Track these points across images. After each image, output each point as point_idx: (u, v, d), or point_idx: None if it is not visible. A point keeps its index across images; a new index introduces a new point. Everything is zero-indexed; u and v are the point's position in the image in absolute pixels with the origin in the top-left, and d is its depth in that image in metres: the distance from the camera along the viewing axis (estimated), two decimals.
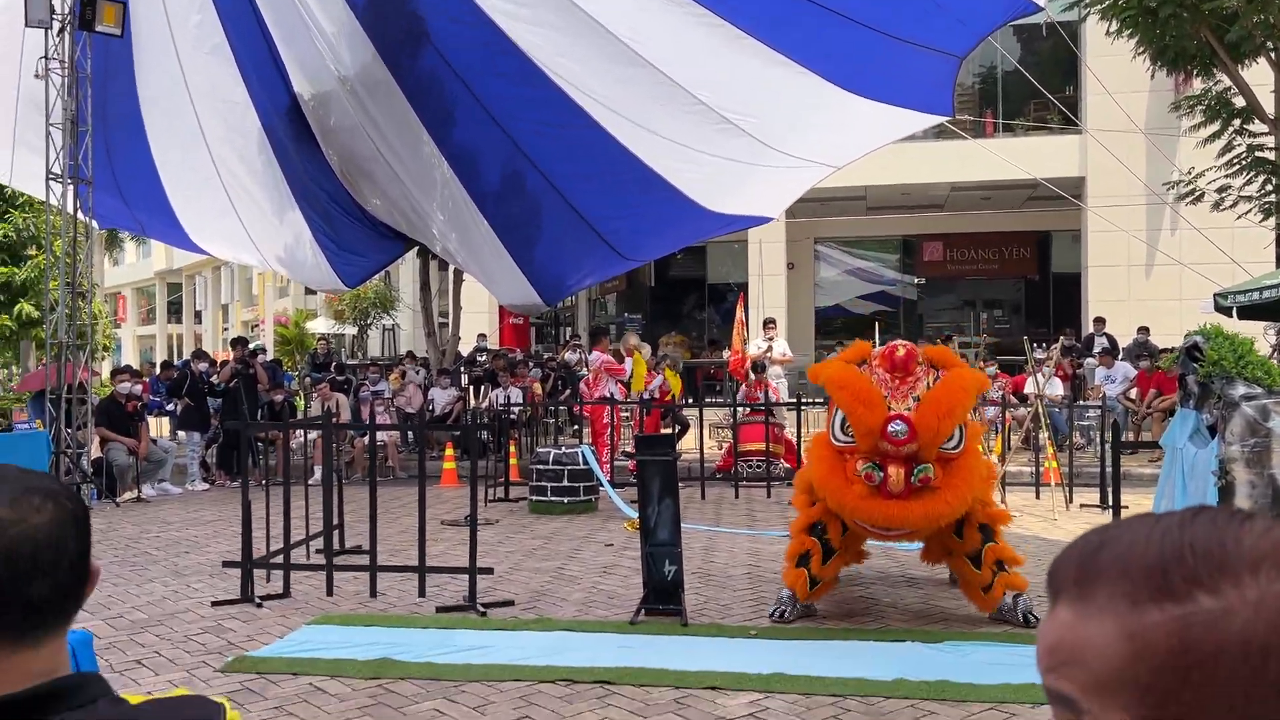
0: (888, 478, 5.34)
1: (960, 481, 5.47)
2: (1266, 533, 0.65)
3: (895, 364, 5.57)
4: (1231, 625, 0.61)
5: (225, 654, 5.56)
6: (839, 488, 5.55)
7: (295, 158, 12.49)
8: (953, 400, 5.40)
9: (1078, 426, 13.92)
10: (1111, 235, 17.33)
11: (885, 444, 5.35)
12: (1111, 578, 0.65)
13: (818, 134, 10.50)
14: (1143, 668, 0.63)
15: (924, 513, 5.41)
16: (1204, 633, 0.61)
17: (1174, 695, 0.62)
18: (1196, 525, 0.66)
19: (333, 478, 7.66)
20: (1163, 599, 0.63)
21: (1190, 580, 0.63)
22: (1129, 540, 0.66)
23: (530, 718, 4.52)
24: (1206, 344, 4.73)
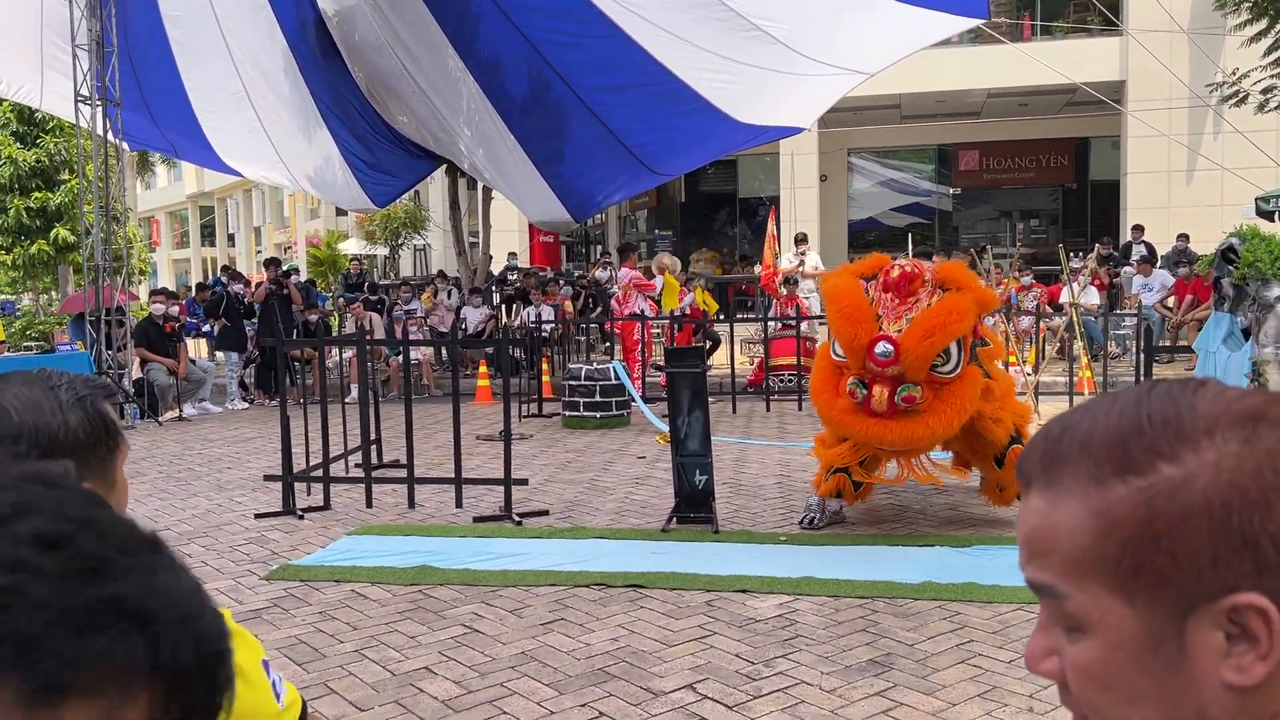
0: (870, 396, 5.34)
1: (948, 407, 5.40)
2: (1219, 396, 0.66)
3: (889, 284, 5.49)
4: (1194, 488, 0.63)
5: (269, 563, 5.74)
6: (828, 400, 5.61)
7: (322, 75, 12.42)
8: (941, 323, 5.29)
9: (1113, 335, 13.80)
10: (1152, 140, 16.93)
11: (870, 363, 5.34)
12: (1075, 459, 0.67)
13: (850, 40, 10.28)
14: (1113, 542, 0.64)
15: (903, 434, 5.40)
16: (1168, 500, 0.63)
17: (1147, 564, 0.64)
18: (1152, 398, 0.67)
19: (369, 393, 7.78)
20: (1126, 473, 0.65)
21: (1150, 451, 0.64)
22: (1090, 421, 0.68)
23: (565, 619, 4.64)
24: (1242, 246, 4.66)
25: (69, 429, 1.20)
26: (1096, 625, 0.66)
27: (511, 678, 4.00)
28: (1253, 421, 0.65)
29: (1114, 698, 0.67)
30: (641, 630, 4.48)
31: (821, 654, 4.16)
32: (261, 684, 1.25)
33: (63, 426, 1.19)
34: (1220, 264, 4.82)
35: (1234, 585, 0.62)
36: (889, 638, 4.32)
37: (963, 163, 24.45)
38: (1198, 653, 0.64)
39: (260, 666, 1.26)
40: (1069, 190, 24.38)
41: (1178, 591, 0.63)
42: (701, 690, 3.83)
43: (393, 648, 4.36)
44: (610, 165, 12.33)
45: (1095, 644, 0.66)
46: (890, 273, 5.52)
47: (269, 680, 1.27)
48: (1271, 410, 0.66)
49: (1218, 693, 0.64)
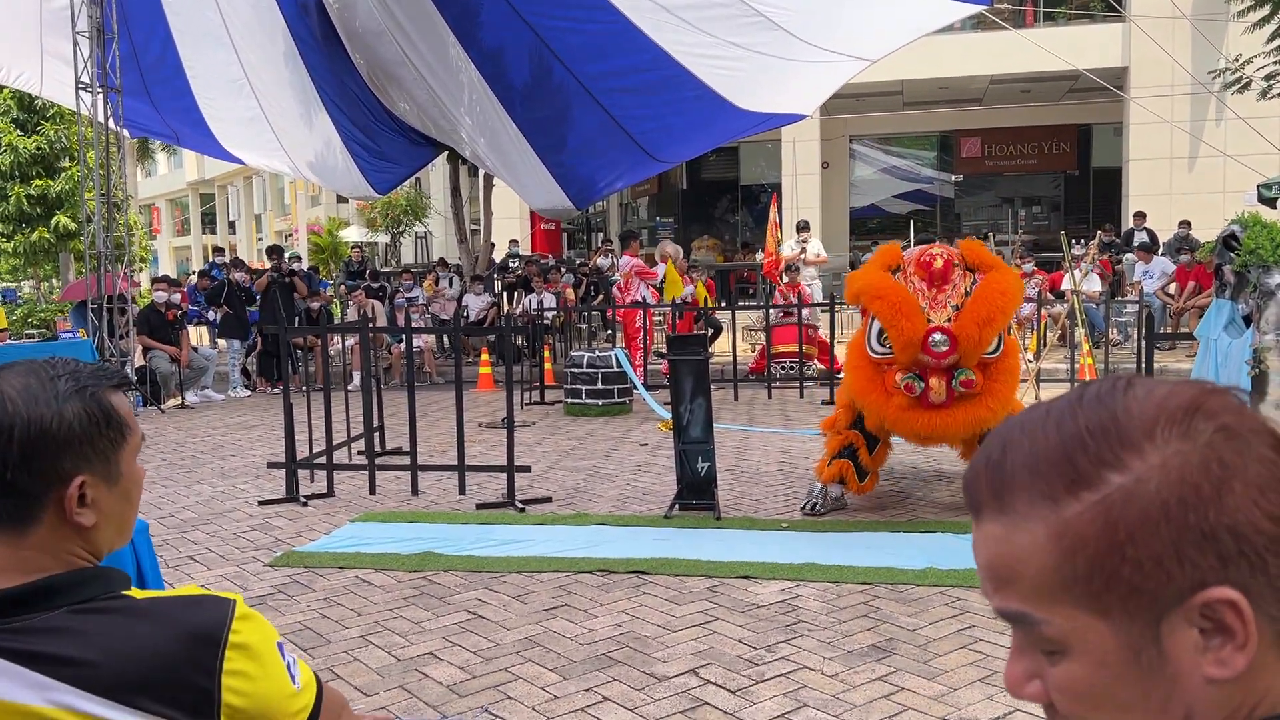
0: (929, 389, 5.29)
1: (1001, 385, 5.42)
2: (1149, 395, 0.67)
3: (933, 275, 5.42)
4: (1146, 492, 0.63)
5: (273, 549, 5.76)
6: (878, 401, 5.49)
7: (323, 62, 12.39)
8: (992, 307, 5.27)
9: (1114, 322, 13.81)
10: (1154, 127, 16.90)
11: (926, 356, 5.28)
12: (1024, 481, 0.66)
13: (852, 26, 10.24)
14: (1079, 561, 0.65)
15: (966, 419, 5.35)
16: (1124, 508, 0.64)
17: (1115, 576, 0.64)
18: (1085, 407, 0.67)
19: (371, 380, 7.79)
20: (1077, 488, 0.65)
21: (1096, 462, 0.65)
22: (1029, 440, 0.67)
23: (569, 605, 4.67)
24: (1243, 233, 4.66)
25: (63, 420, 1.19)
26: (1076, 645, 0.66)
27: (516, 663, 4.03)
28: (1189, 416, 0.65)
29: (1105, 713, 0.67)
30: (644, 616, 4.50)
31: (823, 639, 4.18)
32: (276, 665, 1.26)
33: (56, 417, 1.19)
34: (1222, 251, 4.83)
35: (1201, 581, 0.63)
36: (890, 623, 4.35)
37: (965, 149, 24.41)
38: (1177, 654, 0.64)
39: (275, 648, 1.26)
40: (1071, 177, 24.34)
41: (1149, 598, 0.64)
42: (704, 675, 3.86)
43: (397, 633, 4.39)
44: (612, 152, 12.30)
45: (1078, 664, 0.66)
46: (934, 264, 5.43)
47: (284, 661, 1.27)
48: (1206, 401, 0.66)
49: (1203, 689, 0.64)
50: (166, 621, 1.19)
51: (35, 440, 1.18)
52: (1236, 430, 0.65)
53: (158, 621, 1.19)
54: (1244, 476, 0.63)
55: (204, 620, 1.20)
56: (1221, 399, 0.67)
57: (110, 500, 1.25)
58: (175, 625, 1.19)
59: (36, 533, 1.20)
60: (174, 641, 1.18)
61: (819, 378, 12.30)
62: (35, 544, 1.20)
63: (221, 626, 1.20)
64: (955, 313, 5.34)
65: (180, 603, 1.23)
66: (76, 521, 1.21)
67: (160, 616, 1.20)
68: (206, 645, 1.19)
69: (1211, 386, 0.68)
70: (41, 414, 1.18)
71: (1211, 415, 0.65)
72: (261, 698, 1.23)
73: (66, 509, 1.21)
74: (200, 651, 1.18)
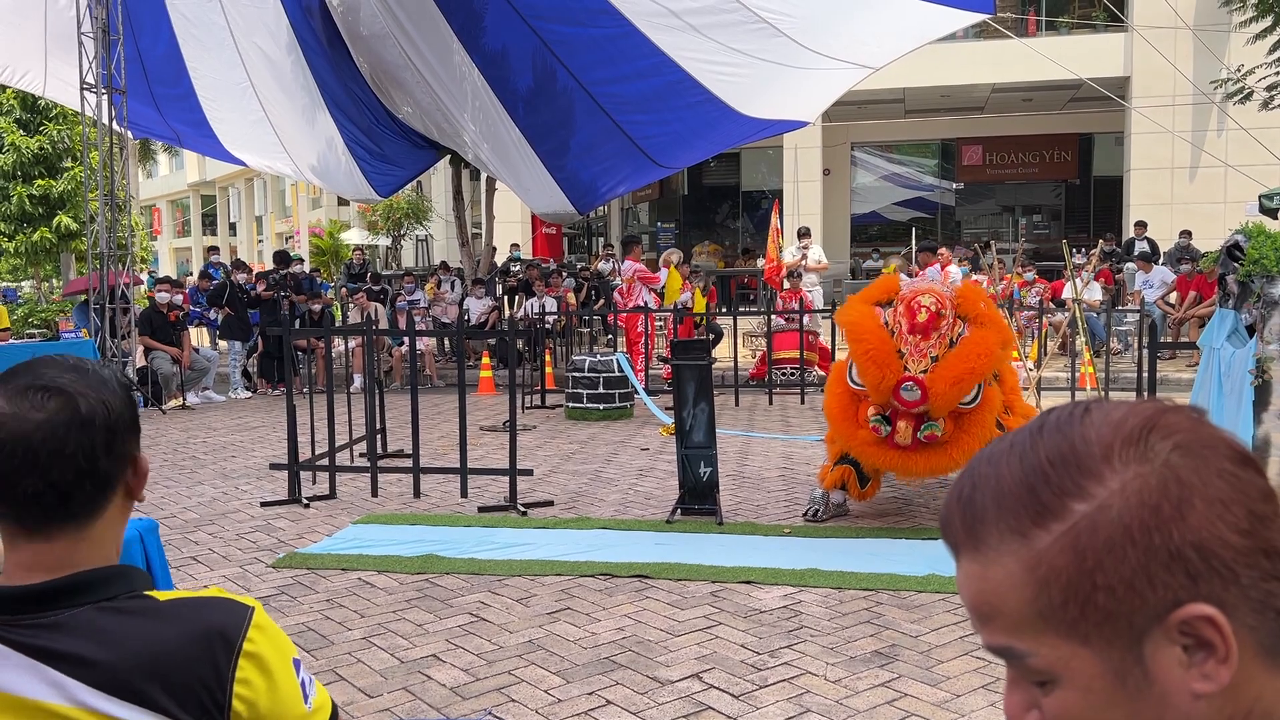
0: (895, 431, 5.34)
1: (970, 437, 5.40)
2: (1105, 420, 0.67)
3: (915, 327, 5.40)
4: (1109, 518, 0.64)
5: (276, 551, 5.77)
6: (849, 429, 5.61)
7: (326, 65, 12.41)
8: (966, 368, 5.28)
9: (1115, 332, 13.83)
10: (1155, 137, 16.94)
11: (895, 402, 5.33)
12: (992, 517, 0.68)
13: (855, 34, 10.27)
14: (1053, 592, 0.65)
15: (928, 465, 5.44)
16: (1090, 536, 0.64)
17: (1089, 602, 0.65)
18: (1044, 437, 0.68)
19: (375, 383, 7.80)
20: (1045, 520, 0.66)
21: (1058, 493, 0.66)
22: (995, 474, 0.68)
23: (571, 609, 4.68)
24: (1247, 242, 4.68)
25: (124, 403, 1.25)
26: (1063, 674, 0.67)
27: (519, 666, 4.04)
28: (1144, 436, 0.66)
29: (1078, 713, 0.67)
30: (647, 620, 4.51)
31: (826, 645, 4.19)
32: (289, 683, 1.24)
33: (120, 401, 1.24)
34: (1225, 260, 4.84)
35: (1175, 600, 0.63)
36: (893, 629, 4.36)
37: (966, 157, 24.46)
38: (1162, 673, 0.65)
39: (289, 664, 1.26)
40: (1072, 186, 24.39)
41: (1125, 621, 0.64)
42: (708, 680, 3.87)
43: (400, 635, 4.39)
44: (614, 157, 12.31)
45: (1067, 693, 0.67)
46: (917, 315, 5.41)
47: (298, 679, 1.26)
48: (1160, 419, 0.67)
49: (1193, 704, 0.65)
50: (185, 623, 1.20)
51: (114, 425, 1.21)
52: (1193, 446, 0.65)
53: (177, 622, 1.20)
54: (1204, 493, 0.64)
55: (220, 623, 1.21)
56: (1176, 416, 0.67)
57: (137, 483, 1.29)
58: (193, 626, 1.20)
59: (100, 522, 1.22)
60: (191, 643, 1.18)
61: (820, 384, 12.30)
62: (95, 535, 1.22)
63: (237, 633, 1.21)
64: (933, 364, 5.33)
65: (199, 604, 1.23)
66: (140, 496, 1.28)
67: (179, 618, 1.20)
68: (221, 649, 1.19)
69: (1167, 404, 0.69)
70: (108, 400, 1.22)
71: (1167, 433, 0.66)
72: (269, 712, 1.22)
73: (134, 488, 1.26)
74: (215, 654, 1.19)
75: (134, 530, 1.19)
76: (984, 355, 5.36)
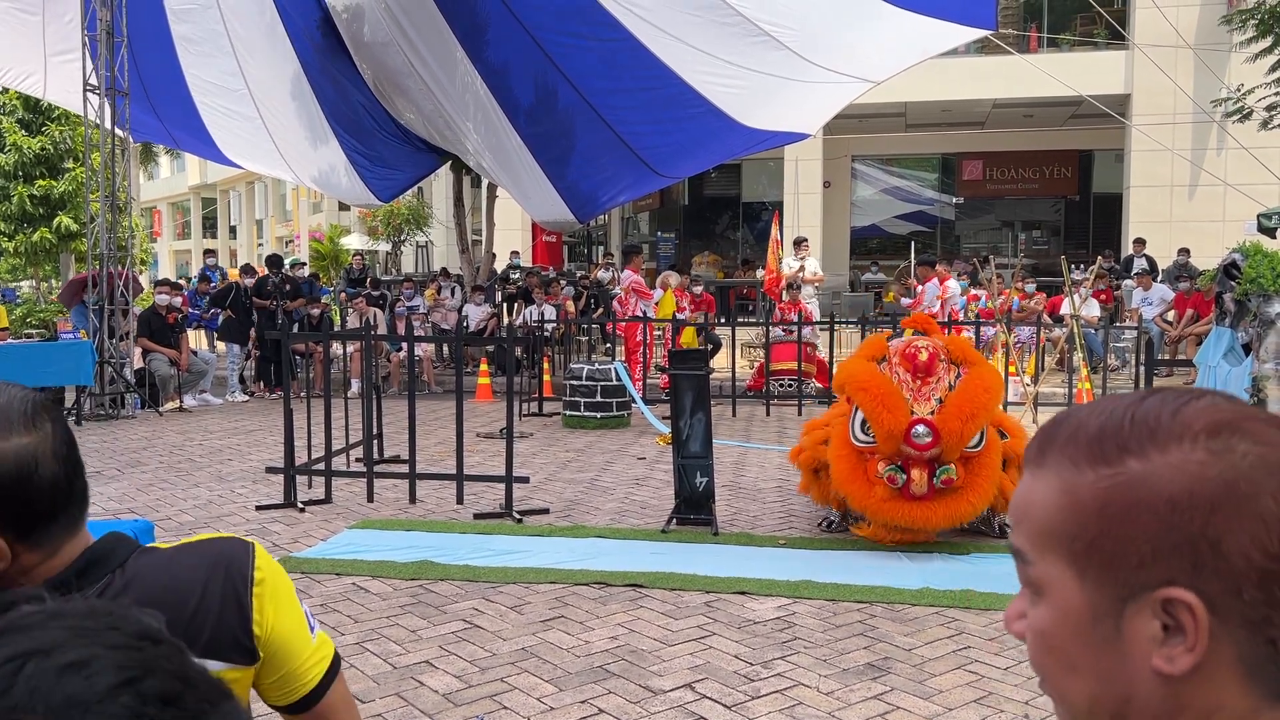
0: (910, 480, 5.30)
1: (983, 480, 5.42)
2: (1204, 410, 0.70)
3: (918, 368, 5.46)
4: (1150, 485, 0.68)
5: (271, 554, 5.75)
6: (861, 490, 5.50)
7: (327, 70, 12.44)
8: (976, 403, 5.31)
9: (1113, 348, 13.85)
10: (1155, 155, 16.99)
11: (908, 448, 5.30)
12: (1061, 446, 0.73)
13: (857, 48, 10.31)
14: (1071, 519, 0.71)
15: (947, 514, 5.39)
16: (1125, 491, 0.68)
17: (1096, 545, 0.69)
18: (1147, 401, 0.72)
19: (372, 388, 7.80)
20: (1097, 463, 0.70)
21: (1121, 447, 0.70)
22: (1086, 414, 0.74)
23: (565, 617, 4.68)
24: (1245, 262, 4.70)
25: None
26: (1050, 592, 0.72)
27: (512, 673, 4.04)
28: (1227, 432, 0.68)
29: (1055, 662, 0.73)
30: (641, 629, 4.51)
31: (819, 657, 4.19)
32: (295, 611, 1.33)
33: None
34: (1223, 279, 4.86)
35: (1170, 579, 0.67)
36: (886, 642, 4.36)
37: (966, 172, 24.51)
38: (1133, 637, 0.68)
39: (294, 595, 1.35)
40: (1071, 202, 24.44)
41: (1121, 576, 0.68)
42: (700, 690, 3.87)
43: (394, 641, 4.39)
44: (615, 167, 12.34)
45: (1047, 609, 0.73)
46: (919, 356, 5.47)
47: (303, 610, 1.35)
48: (1251, 426, 0.69)
49: (1147, 678, 0.68)
50: (196, 555, 1.28)
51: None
52: (1267, 461, 0.67)
53: (190, 557, 1.28)
54: (1250, 506, 0.66)
55: (230, 552, 1.29)
56: (1271, 430, 0.69)
57: None
58: (205, 556, 1.28)
59: None
60: (208, 569, 1.26)
61: (817, 396, 12.32)
62: None
63: (247, 565, 1.29)
64: (939, 405, 5.36)
65: (204, 544, 1.31)
66: None
67: (190, 553, 1.29)
68: (238, 579, 1.27)
69: (1273, 416, 0.72)
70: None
71: (1252, 441, 0.68)
72: (283, 636, 1.30)
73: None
74: (235, 585, 1.27)
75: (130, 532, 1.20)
76: (988, 389, 5.43)
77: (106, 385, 11.69)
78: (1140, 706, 0.69)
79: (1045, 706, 3.69)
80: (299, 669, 1.33)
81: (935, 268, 13.26)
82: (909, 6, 9.67)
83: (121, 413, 11.66)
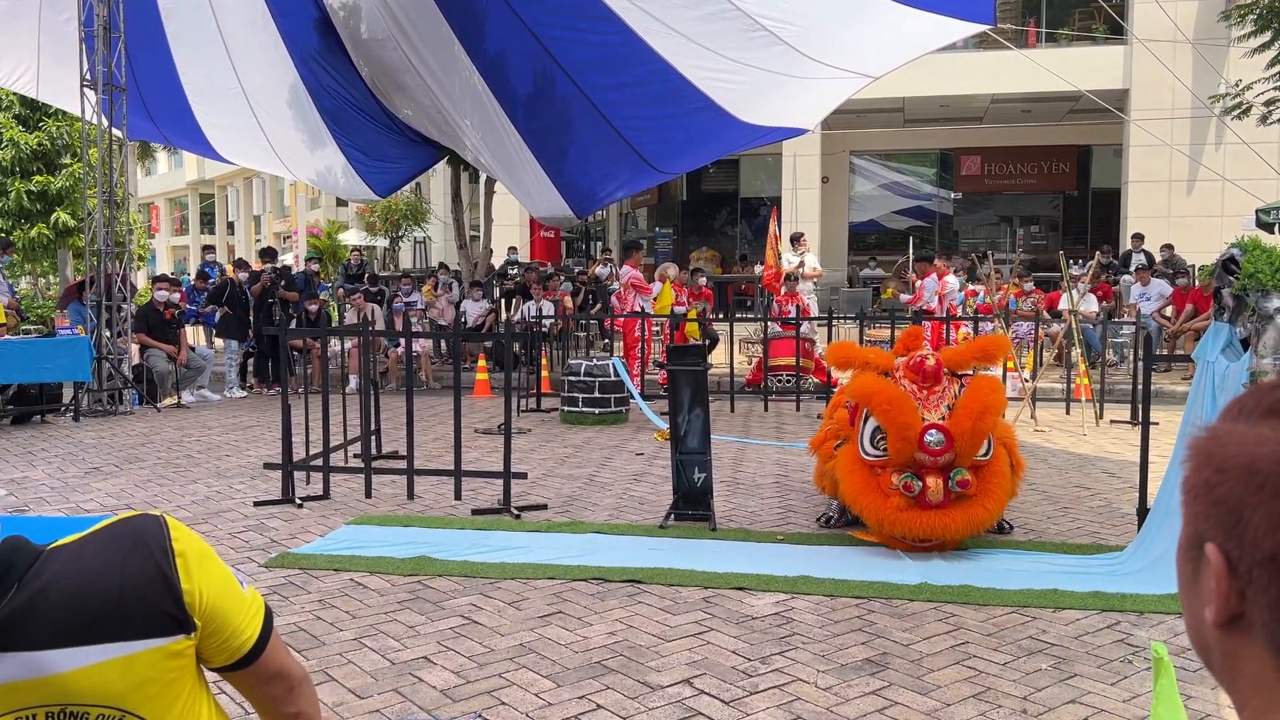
0: (926, 488, 5.28)
1: (995, 487, 5.41)
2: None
3: (926, 374, 5.48)
4: (1221, 442, 0.72)
5: (268, 551, 5.76)
6: (876, 502, 5.43)
7: (322, 66, 12.42)
8: (984, 402, 5.32)
9: (1111, 344, 13.85)
10: (1154, 150, 16.99)
11: (922, 455, 5.28)
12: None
13: (855, 43, 10.29)
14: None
15: (965, 520, 5.34)
16: (1209, 442, 0.73)
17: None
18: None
19: (370, 384, 7.79)
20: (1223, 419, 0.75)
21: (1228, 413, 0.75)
22: None
23: (563, 612, 4.67)
24: (1243, 256, 4.69)
25: None
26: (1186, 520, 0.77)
27: (509, 669, 4.03)
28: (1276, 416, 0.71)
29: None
30: (639, 625, 4.51)
31: (817, 652, 4.19)
32: (221, 569, 1.33)
33: None
34: (1221, 274, 4.85)
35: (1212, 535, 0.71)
36: (885, 638, 4.36)
37: (964, 167, 24.50)
38: (1204, 580, 0.72)
39: (214, 555, 1.33)
40: (1070, 197, 24.43)
41: (1195, 523, 0.73)
42: (698, 685, 3.87)
43: (392, 637, 4.39)
44: (614, 162, 12.32)
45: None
46: (926, 362, 5.52)
47: (229, 569, 1.35)
48: None
49: (1208, 623, 0.72)
50: (107, 539, 1.25)
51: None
52: None
53: (101, 543, 1.25)
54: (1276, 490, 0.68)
55: (143, 528, 1.27)
56: None
57: None
58: (117, 538, 1.25)
59: None
60: (124, 551, 1.24)
61: (815, 391, 12.32)
62: None
63: (161, 534, 1.27)
64: (948, 412, 5.38)
65: (113, 529, 1.28)
66: None
67: (99, 539, 1.26)
68: (159, 554, 1.25)
69: None
70: None
71: None
72: (216, 598, 1.29)
73: None
74: (156, 561, 1.24)
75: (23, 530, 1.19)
76: (995, 389, 5.46)
77: (104, 381, 11.67)
78: (1215, 651, 0.73)
79: (1043, 702, 3.69)
80: (238, 627, 1.33)
81: (934, 263, 13.25)
82: (908, 1, 9.65)
83: (119, 409, 11.65)
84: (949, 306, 12.62)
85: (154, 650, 1.23)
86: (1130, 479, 7.21)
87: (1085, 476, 7.85)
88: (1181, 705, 1.34)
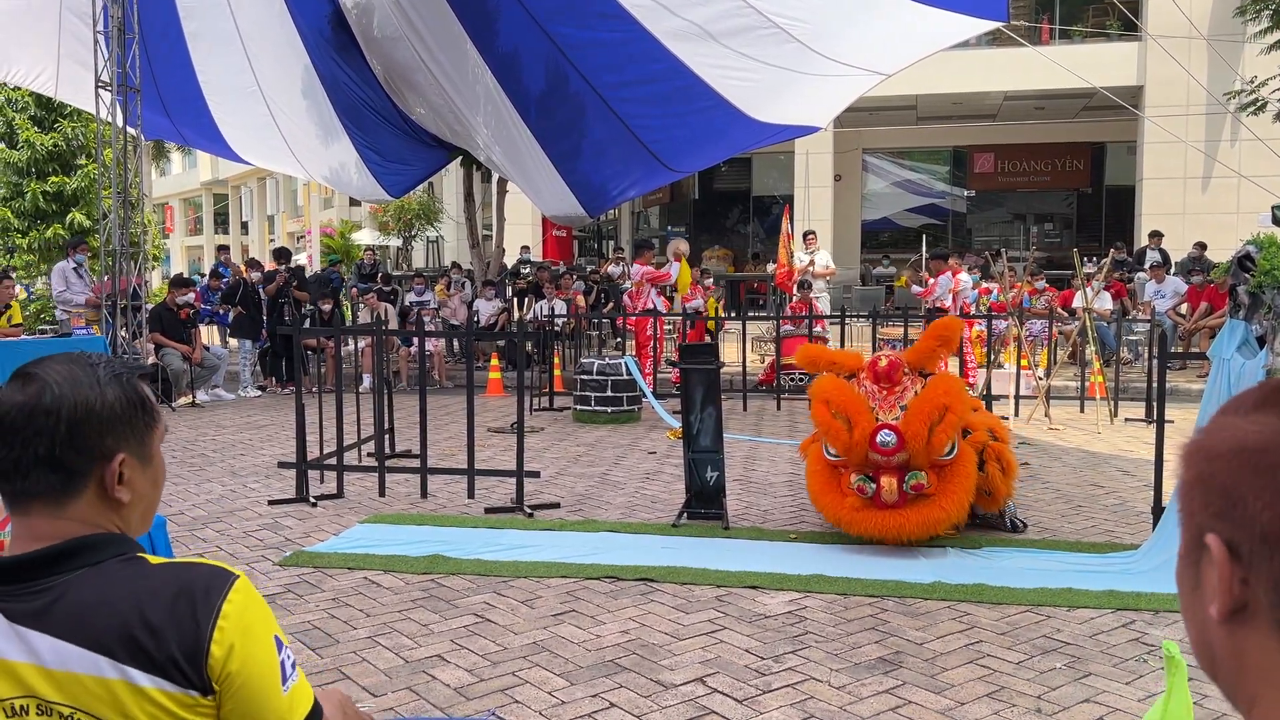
0: (880, 489, 5.30)
1: (955, 487, 5.39)
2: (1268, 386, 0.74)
3: (879, 375, 5.50)
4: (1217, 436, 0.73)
5: (283, 549, 5.78)
6: (834, 501, 5.51)
7: (338, 66, 12.45)
8: (935, 405, 5.28)
9: (1125, 341, 13.78)
10: (1168, 146, 16.90)
11: (875, 455, 5.29)
12: None
13: (868, 40, 10.26)
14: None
15: (920, 521, 5.35)
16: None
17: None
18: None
19: (383, 383, 7.82)
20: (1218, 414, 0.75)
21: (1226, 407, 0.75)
22: None
23: (576, 611, 4.68)
24: (1259, 254, 4.66)
25: (105, 402, 1.29)
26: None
27: (523, 667, 4.04)
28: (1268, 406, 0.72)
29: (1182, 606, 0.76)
30: (652, 624, 4.51)
31: (831, 651, 4.19)
32: (266, 653, 1.26)
33: (100, 399, 1.29)
34: (1237, 272, 4.83)
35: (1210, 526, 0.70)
36: (898, 636, 4.35)
37: (978, 165, 24.41)
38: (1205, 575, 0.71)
39: (270, 639, 1.27)
40: (1084, 195, 24.32)
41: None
42: (711, 684, 3.87)
43: (405, 635, 4.40)
44: (626, 161, 12.31)
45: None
46: (877, 363, 5.56)
47: (278, 657, 1.27)
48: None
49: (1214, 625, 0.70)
50: (168, 580, 1.25)
51: (81, 420, 1.26)
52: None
53: (161, 580, 1.25)
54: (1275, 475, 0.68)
55: (204, 583, 1.25)
56: None
57: (143, 482, 1.34)
58: (176, 583, 1.25)
59: (76, 506, 1.27)
60: (172, 599, 1.23)
61: None
62: (74, 515, 1.27)
63: (219, 594, 1.25)
64: (904, 412, 5.37)
65: (186, 566, 1.29)
66: (116, 497, 1.29)
67: (164, 577, 1.26)
68: (202, 605, 1.23)
69: None
70: (86, 396, 1.28)
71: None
72: (243, 676, 1.23)
73: (108, 484, 1.29)
74: (196, 610, 1.23)
75: None
76: (951, 391, 5.42)
77: None
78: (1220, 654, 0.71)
79: (1058, 701, 3.68)
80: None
81: (948, 261, 13.22)
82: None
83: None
84: (963, 304, 12.58)
85: (165, 693, 1.20)
86: (1145, 477, 7.18)
87: (1100, 475, 7.82)
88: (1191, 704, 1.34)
